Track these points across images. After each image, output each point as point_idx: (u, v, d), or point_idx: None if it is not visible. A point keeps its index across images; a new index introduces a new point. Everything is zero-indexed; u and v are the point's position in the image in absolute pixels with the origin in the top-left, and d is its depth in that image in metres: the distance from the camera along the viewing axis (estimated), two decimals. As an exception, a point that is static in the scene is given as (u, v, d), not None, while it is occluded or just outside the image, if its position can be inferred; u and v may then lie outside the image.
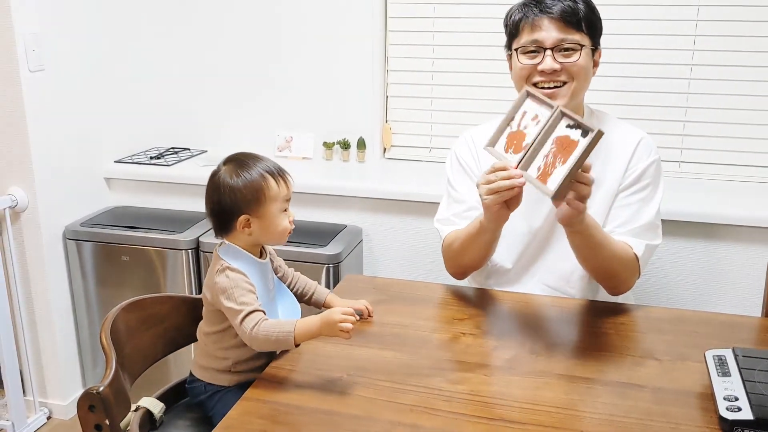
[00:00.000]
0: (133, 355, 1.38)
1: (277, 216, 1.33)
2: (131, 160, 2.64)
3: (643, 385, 1.24)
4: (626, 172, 1.54)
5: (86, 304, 2.49)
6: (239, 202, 1.31)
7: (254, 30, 2.59)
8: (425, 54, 2.51)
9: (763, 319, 1.55)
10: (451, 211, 1.65)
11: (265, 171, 1.32)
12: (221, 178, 1.32)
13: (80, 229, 2.43)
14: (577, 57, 1.49)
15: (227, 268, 1.30)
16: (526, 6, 1.51)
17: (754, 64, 2.21)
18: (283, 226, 1.34)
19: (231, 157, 1.35)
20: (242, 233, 1.33)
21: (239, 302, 1.27)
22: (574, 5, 1.48)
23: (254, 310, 1.27)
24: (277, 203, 1.32)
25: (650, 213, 1.54)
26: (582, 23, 1.49)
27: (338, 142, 2.60)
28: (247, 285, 1.29)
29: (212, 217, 1.36)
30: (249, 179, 1.30)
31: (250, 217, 1.32)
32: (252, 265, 1.34)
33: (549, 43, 1.48)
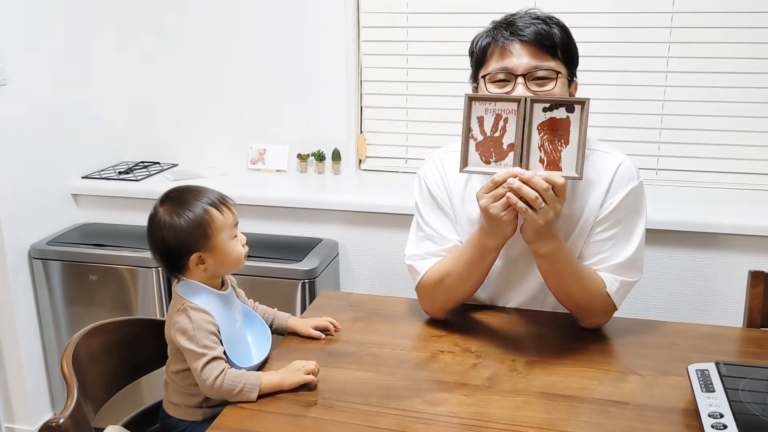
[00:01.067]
0: (97, 382, 1.32)
1: (229, 245, 1.30)
2: (99, 175, 2.57)
3: (625, 402, 1.21)
4: (603, 204, 1.41)
5: (54, 326, 2.41)
6: (187, 242, 1.27)
7: (226, 41, 2.55)
8: (399, 64, 2.48)
9: (745, 330, 1.53)
10: (424, 249, 1.51)
11: (206, 204, 1.28)
12: (162, 220, 1.28)
13: (46, 248, 2.35)
14: (552, 86, 1.35)
15: (188, 307, 1.26)
16: (495, 29, 1.39)
17: (730, 71, 2.21)
18: (236, 254, 1.31)
19: (166, 196, 1.32)
20: (197, 270, 1.29)
21: (201, 345, 1.23)
22: (549, 29, 1.35)
23: (216, 357, 1.23)
24: (225, 232, 1.29)
25: (629, 249, 1.42)
26: (557, 49, 1.35)
27: (313, 154, 2.56)
28: (209, 326, 1.25)
29: (161, 259, 1.31)
30: (192, 217, 1.27)
31: (201, 254, 1.28)
32: (213, 299, 1.30)
33: (521, 70, 1.34)
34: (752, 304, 1.53)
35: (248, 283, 2.18)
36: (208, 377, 1.21)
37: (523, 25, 1.35)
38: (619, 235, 1.42)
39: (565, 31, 1.39)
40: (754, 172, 2.28)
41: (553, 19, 1.40)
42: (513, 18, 1.39)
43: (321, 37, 2.46)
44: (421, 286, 1.50)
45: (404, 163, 2.57)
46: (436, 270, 1.47)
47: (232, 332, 1.29)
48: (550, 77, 1.35)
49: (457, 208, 1.50)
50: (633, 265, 1.43)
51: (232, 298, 1.36)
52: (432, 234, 1.50)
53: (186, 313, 1.26)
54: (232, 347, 1.28)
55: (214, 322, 1.26)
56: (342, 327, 1.51)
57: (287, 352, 1.39)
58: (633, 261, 1.43)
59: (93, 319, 1.42)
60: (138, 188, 2.46)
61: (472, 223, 1.48)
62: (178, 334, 1.25)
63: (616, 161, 1.43)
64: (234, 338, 1.29)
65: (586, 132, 1.26)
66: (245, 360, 1.29)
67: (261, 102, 2.57)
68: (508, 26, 1.37)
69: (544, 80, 1.35)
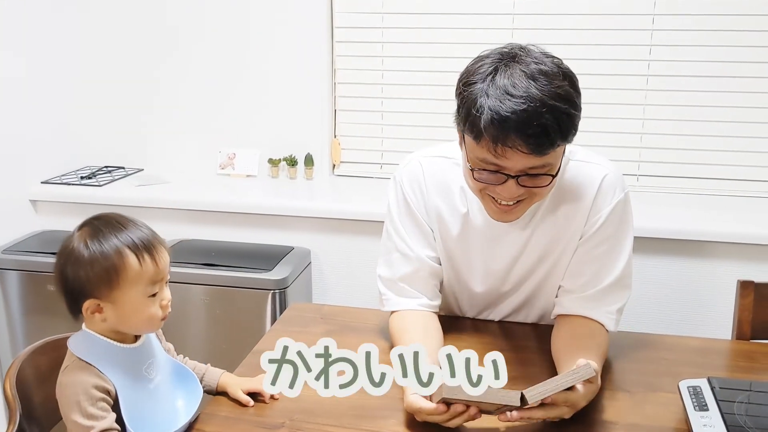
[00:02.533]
0: (45, 404, 1.21)
1: (139, 302, 1.05)
2: (60, 180, 2.46)
3: (614, 422, 1.15)
4: (588, 221, 1.33)
5: (10, 339, 2.30)
6: (85, 283, 1.03)
7: (195, 42, 2.46)
8: (374, 66, 2.40)
9: (734, 342, 1.47)
10: (396, 271, 1.40)
11: (126, 245, 1.03)
12: (72, 246, 1.05)
13: (2, 257, 2.24)
14: (546, 182, 1.21)
15: (76, 366, 1.05)
16: (494, 119, 1.12)
17: (713, 74, 2.17)
18: (148, 314, 1.06)
19: (90, 220, 1.08)
20: (92, 318, 1.07)
21: (86, 415, 1.01)
22: (552, 120, 1.12)
23: (105, 430, 1.01)
24: (137, 287, 1.04)
25: (618, 268, 1.33)
26: (557, 141, 1.15)
27: (284, 158, 2.47)
28: (95, 392, 1.02)
29: (60, 294, 1.08)
30: (98, 255, 1.02)
31: (100, 302, 1.05)
32: (113, 356, 1.07)
33: (515, 172, 1.18)
34: (742, 315, 1.47)
35: (214, 293, 2.09)
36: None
37: (515, 124, 1.11)
38: (606, 253, 1.34)
39: (567, 111, 1.15)
40: (737, 178, 2.23)
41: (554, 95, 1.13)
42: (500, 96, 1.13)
43: (293, 37, 2.38)
44: (389, 320, 1.42)
45: (379, 169, 2.49)
46: (396, 324, 1.37)
47: (138, 394, 1.08)
48: (546, 173, 1.20)
49: (433, 221, 1.40)
50: (622, 283, 1.35)
51: (145, 353, 1.12)
52: (402, 247, 1.40)
53: (68, 374, 1.05)
54: (137, 413, 1.06)
55: (101, 385, 1.04)
56: (312, 342, 1.40)
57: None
58: (621, 279, 1.35)
59: (52, 331, 1.32)
60: (100, 194, 2.35)
61: (448, 239, 1.40)
62: (61, 401, 1.04)
63: (600, 173, 1.33)
64: (141, 402, 1.08)
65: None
66: (153, 426, 1.08)
67: (231, 105, 2.48)
68: (505, 123, 1.12)
69: (539, 177, 1.20)
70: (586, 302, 1.34)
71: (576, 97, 1.18)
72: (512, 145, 1.13)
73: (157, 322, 1.09)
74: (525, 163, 1.16)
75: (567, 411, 1.10)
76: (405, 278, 1.40)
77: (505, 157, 1.16)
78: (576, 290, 1.36)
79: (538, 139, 1.12)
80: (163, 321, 1.10)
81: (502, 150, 1.15)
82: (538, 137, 1.12)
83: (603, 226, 1.33)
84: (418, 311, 1.39)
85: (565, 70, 1.20)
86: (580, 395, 1.11)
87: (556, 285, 1.40)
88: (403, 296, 1.40)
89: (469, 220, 1.37)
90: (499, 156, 1.16)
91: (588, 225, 1.33)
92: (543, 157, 1.16)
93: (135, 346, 1.11)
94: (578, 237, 1.34)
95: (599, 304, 1.34)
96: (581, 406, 1.12)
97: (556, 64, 1.19)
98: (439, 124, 2.33)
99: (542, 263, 1.38)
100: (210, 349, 2.13)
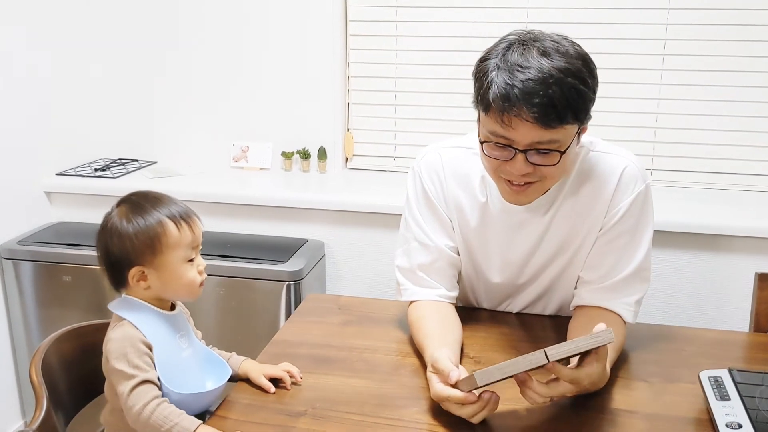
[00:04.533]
0: (69, 391, 1.23)
1: (180, 267, 1.13)
2: (74, 172, 2.47)
3: (634, 411, 1.15)
4: (608, 213, 1.32)
5: (25, 329, 2.30)
6: (130, 252, 1.12)
7: (209, 34, 2.46)
8: (388, 59, 2.40)
9: (752, 335, 1.47)
10: (415, 259, 1.41)
11: (165, 215, 1.13)
12: (112, 222, 1.13)
13: (18, 248, 2.24)
14: (555, 160, 1.20)
15: (123, 323, 1.12)
16: (495, 84, 1.15)
17: (726, 69, 2.16)
18: (188, 279, 1.14)
19: (126, 197, 1.17)
20: (137, 287, 1.14)
21: (131, 365, 1.08)
22: (560, 93, 1.13)
23: (147, 381, 1.07)
24: (178, 252, 1.13)
25: (637, 259, 1.33)
26: (567, 116, 1.15)
27: (298, 151, 2.47)
28: (141, 346, 1.09)
29: (104, 268, 1.16)
30: (143, 225, 1.11)
31: (145, 269, 1.13)
32: (155, 318, 1.15)
33: (522, 146, 1.19)
34: (759, 308, 1.47)
35: (230, 284, 2.10)
36: (135, 403, 1.06)
37: (529, 95, 1.13)
38: (626, 245, 1.34)
39: (577, 87, 1.16)
40: (751, 173, 2.23)
41: (565, 70, 1.15)
42: (511, 70, 1.16)
43: (307, 31, 2.38)
44: (408, 310, 1.42)
45: (392, 162, 2.50)
46: (416, 313, 1.37)
47: (171, 358, 1.14)
48: (554, 150, 1.19)
49: (452, 212, 1.41)
50: (640, 275, 1.35)
51: (180, 323, 1.19)
52: (421, 236, 1.41)
53: (117, 329, 1.11)
54: (168, 373, 1.12)
55: (146, 341, 1.11)
56: (331, 332, 1.43)
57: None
58: (640, 271, 1.35)
59: (66, 322, 1.33)
60: (115, 186, 2.36)
61: (467, 229, 1.40)
62: (108, 354, 1.10)
63: (621, 164, 1.33)
64: (173, 364, 1.13)
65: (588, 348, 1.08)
66: (185, 386, 1.13)
67: (244, 98, 2.49)
68: (511, 89, 1.14)
69: (547, 154, 1.19)
70: (604, 293, 1.35)
71: (589, 77, 1.19)
72: (518, 114, 1.14)
73: (196, 288, 1.16)
74: (532, 136, 1.16)
75: (570, 389, 1.09)
76: (423, 267, 1.41)
77: (511, 127, 1.16)
78: (594, 281, 1.36)
79: (544, 108, 1.13)
80: (201, 287, 1.17)
81: (508, 119, 1.15)
82: (545, 107, 1.13)
83: (623, 217, 1.32)
84: (436, 302, 1.39)
85: (582, 53, 1.21)
86: (584, 373, 1.10)
87: (574, 277, 1.40)
88: (422, 286, 1.41)
89: (488, 209, 1.37)
90: (506, 127, 1.17)
91: (608, 217, 1.33)
92: (550, 131, 1.16)
93: (171, 313, 1.18)
94: (598, 228, 1.34)
95: (617, 295, 1.34)
96: (584, 385, 1.10)
97: (574, 47, 1.20)
98: (453, 118, 2.35)
99: (561, 254, 1.38)
100: (225, 340, 2.12)
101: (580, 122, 1.20)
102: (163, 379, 1.10)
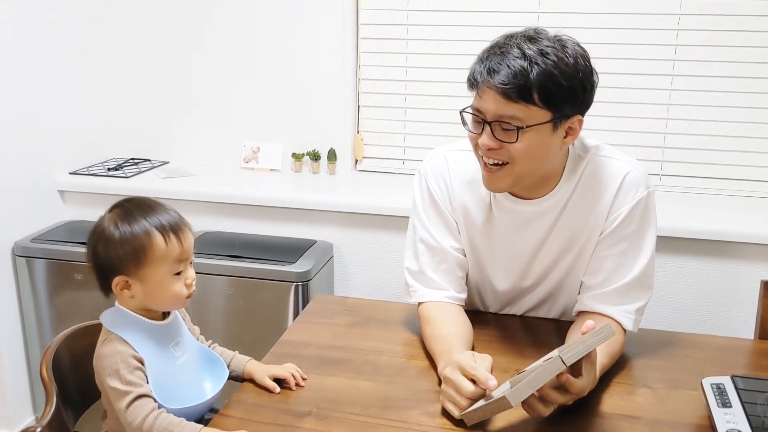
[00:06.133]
0: (79, 388, 1.25)
1: (165, 280, 1.12)
2: (87, 171, 2.50)
3: (637, 417, 1.15)
4: (608, 217, 1.33)
5: (37, 326, 2.33)
6: (114, 260, 1.11)
7: (220, 36, 2.48)
8: (398, 63, 2.42)
9: (757, 342, 1.48)
10: (423, 260, 1.43)
11: (153, 226, 1.11)
12: (103, 226, 1.13)
13: (31, 245, 2.27)
14: (514, 138, 1.21)
15: (112, 338, 1.11)
16: (481, 61, 1.24)
17: (736, 75, 2.16)
18: (172, 292, 1.13)
19: (121, 203, 1.16)
20: (122, 295, 1.14)
21: (124, 381, 1.07)
22: (525, 69, 1.17)
23: (142, 395, 1.07)
24: (163, 266, 1.11)
25: (638, 266, 1.33)
26: (531, 93, 1.18)
27: (308, 153, 2.49)
28: (133, 361, 1.09)
29: (92, 272, 1.16)
30: (129, 234, 1.10)
31: (129, 279, 1.12)
32: (143, 331, 1.14)
33: (489, 117, 1.22)
34: (765, 315, 1.48)
35: (238, 284, 2.12)
36: (134, 418, 1.06)
37: (497, 66, 1.19)
38: (626, 251, 1.34)
39: (549, 71, 1.18)
40: (761, 179, 2.22)
41: (545, 54, 1.19)
42: (498, 51, 1.22)
43: (318, 34, 2.40)
44: (418, 311, 1.44)
45: (401, 164, 2.51)
46: (428, 315, 1.39)
47: (163, 370, 1.13)
48: (516, 126, 1.21)
49: (458, 214, 1.43)
50: (642, 282, 1.35)
51: (173, 331, 1.19)
52: (428, 238, 1.43)
53: (107, 345, 1.11)
54: (163, 386, 1.12)
55: (137, 356, 1.10)
56: (337, 333, 1.45)
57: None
58: (642, 278, 1.34)
59: (78, 319, 1.35)
60: (127, 185, 2.39)
61: (473, 230, 1.42)
62: (101, 371, 1.10)
63: (624, 169, 1.33)
64: (165, 376, 1.13)
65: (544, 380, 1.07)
66: (181, 399, 1.13)
67: (255, 99, 2.51)
68: (487, 60, 1.22)
69: (508, 131, 1.22)
70: (604, 299, 1.35)
71: (574, 73, 1.21)
72: (487, 83, 1.20)
73: (182, 300, 1.15)
74: (496, 108, 1.21)
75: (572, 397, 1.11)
76: (432, 269, 1.42)
77: (481, 97, 1.23)
78: (594, 287, 1.37)
79: (509, 80, 1.18)
80: (189, 299, 1.15)
81: (481, 91, 1.23)
82: (510, 79, 1.18)
83: (623, 223, 1.33)
84: (446, 303, 1.41)
85: (578, 52, 1.24)
86: (587, 381, 1.11)
87: (577, 281, 1.41)
88: (431, 288, 1.42)
89: (493, 209, 1.39)
90: (479, 98, 1.24)
91: (608, 221, 1.34)
92: (513, 105, 1.19)
93: (163, 323, 1.17)
94: (598, 232, 1.35)
95: (617, 302, 1.34)
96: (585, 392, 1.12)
97: (574, 45, 1.23)
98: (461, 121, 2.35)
99: (564, 257, 1.39)
100: (233, 340, 2.15)
101: (552, 110, 1.21)
102: (157, 396, 1.10)
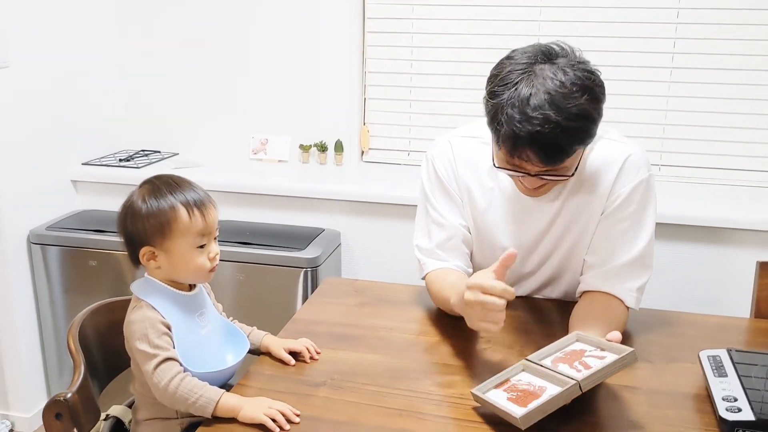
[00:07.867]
0: (103, 361, 1.30)
1: (188, 252, 1.18)
2: (99, 162, 2.55)
3: (636, 387, 1.20)
4: (609, 198, 1.38)
5: (52, 312, 2.39)
6: (141, 232, 1.18)
7: (229, 29, 2.53)
8: (404, 55, 2.47)
9: (753, 320, 1.53)
10: (433, 240, 1.48)
11: (179, 201, 1.17)
12: (132, 200, 1.20)
13: (45, 233, 2.33)
14: (566, 178, 1.30)
15: (141, 305, 1.18)
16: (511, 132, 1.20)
17: (734, 67, 2.21)
18: (196, 264, 1.19)
19: (150, 179, 1.23)
20: (149, 265, 1.20)
21: (152, 345, 1.13)
22: (565, 138, 1.19)
23: (169, 358, 1.13)
24: (186, 238, 1.17)
25: (638, 246, 1.38)
26: (573, 151, 1.23)
27: (315, 144, 2.54)
28: (161, 326, 1.15)
29: (122, 243, 1.22)
30: (155, 208, 1.17)
31: (155, 250, 1.19)
32: (170, 299, 1.20)
33: (534, 172, 1.27)
34: (760, 294, 1.53)
35: (249, 271, 2.17)
36: (160, 380, 1.12)
37: (532, 143, 1.20)
38: (627, 230, 1.39)
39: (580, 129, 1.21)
40: (758, 169, 2.28)
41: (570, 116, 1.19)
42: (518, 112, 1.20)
43: (325, 26, 2.45)
44: (426, 281, 1.50)
45: (407, 156, 2.56)
46: (435, 275, 1.45)
47: (190, 336, 1.19)
48: (564, 175, 1.29)
49: (463, 193, 1.48)
50: (643, 262, 1.40)
51: (198, 302, 1.25)
52: (438, 218, 1.49)
53: (137, 310, 1.17)
54: (186, 353, 1.17)
55: (165, 322, 1.16)
56: (348, 312, 1.50)
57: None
58: (642, 258, 1.39)
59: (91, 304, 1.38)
60: (138, 175, 2.44)
61: (476, 212, 1.47)
62: (130, 335, 1.16)
63: (625, 152, 1.39)
64: (191, 343, 1.18)
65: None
66: (204, 364, 1.19)
67: (264, 92, 2.56)
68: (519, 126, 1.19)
69: (559, 176, 1.29)
70: (605, 278, 1.40)
71: (594, 110, 1.23)
72: (527, 159, 1.23)
73: (204, 273, 1.21)
74: (541, 167, 1.25)
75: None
76: (441, 245, 1.48)
77: (520, 166, 1.26)
78: (596, 265, 1.41)
79: (551, 153, 1.21)
80: (212, 273, 1.22)
81: (518, 161, 1.25)
82: (552, 152, 1.21)
83: (623, 203, 1.38)
84: (453, 270, 1.46)
85: (586, 83, 1.22)
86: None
87: (577, 264, 1.46)
88: (440, 260, 1.47)
89: (496, 195, 1.44)
90: (515, 165, 1.27)
91: (609, 201, 1.39)
92: (556, 164, 1.24)
93: (189, 293, 1.23)
94: (599, 213, 1.40)
95: (618, 280, 1.39)
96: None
97: (578, 75, 1.22)
98: (467, 113, 2.40)
99: (566, 238, 1.44)
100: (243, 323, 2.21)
101: (586, 146, 1.28)
102: (182, 360, 1.15)
